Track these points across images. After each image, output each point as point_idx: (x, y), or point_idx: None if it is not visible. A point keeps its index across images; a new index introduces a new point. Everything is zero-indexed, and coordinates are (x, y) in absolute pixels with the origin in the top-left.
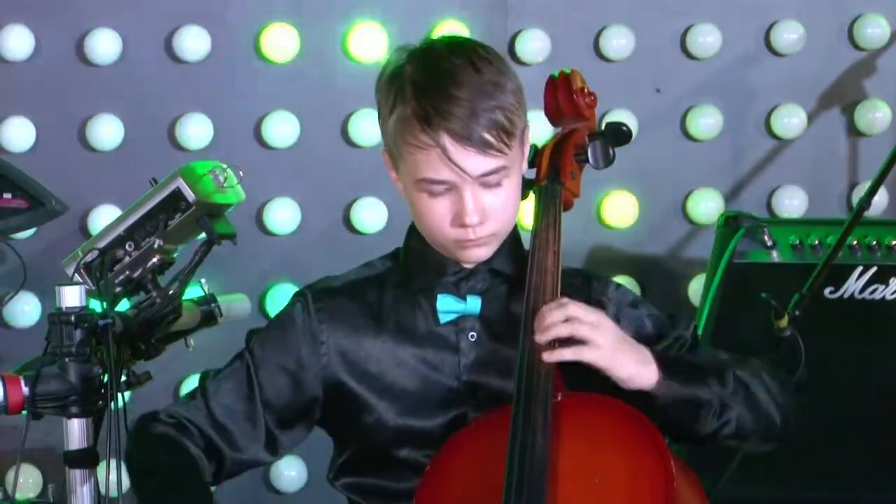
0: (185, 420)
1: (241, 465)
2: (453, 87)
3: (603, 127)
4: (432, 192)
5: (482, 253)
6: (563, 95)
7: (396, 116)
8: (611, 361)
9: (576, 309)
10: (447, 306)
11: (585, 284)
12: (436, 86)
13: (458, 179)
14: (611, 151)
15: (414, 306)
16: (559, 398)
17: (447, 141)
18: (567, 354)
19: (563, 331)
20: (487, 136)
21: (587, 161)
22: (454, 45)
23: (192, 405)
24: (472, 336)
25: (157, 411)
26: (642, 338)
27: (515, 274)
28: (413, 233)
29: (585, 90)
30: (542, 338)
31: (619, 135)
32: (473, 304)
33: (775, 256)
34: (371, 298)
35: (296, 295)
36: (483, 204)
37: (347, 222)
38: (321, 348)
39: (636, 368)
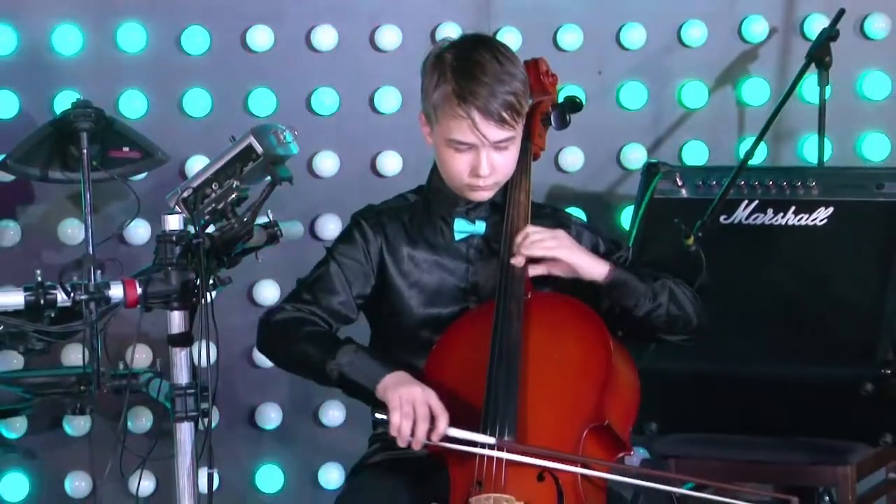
0: (300, 310)
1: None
2: (481, 73)
3: (562, 100)
4: (458, 149)
5: (486, 195)
6: (533, 76)
7: (440, 92)
8: (571, 256)
9: (536, 234)
10: (461, 227)
11: (554, 213)
12: (469, 72)
13: (479, 143)
14: (567, 118)
15: (435, 227)
16: (529, 296)
17: (476, 116)
18: (538, 251)
19: (534, 249)
20: (504, 115)
21: (550, 124)
22: (483, 42)
23: (302, 300)
24: (476, 249)
25: (275, 307)
26: (596, 254)
27: None
28: (433, 175)
29: (549, 72)
30: (517, 260)
31: (573, 106)
32: (480, 226)
33: (684, 193)
34: (405, 219)
35: (352, 218)
36: (493, 161)
37: (374, 169)
38: (374, 248)
39: (591, 261)
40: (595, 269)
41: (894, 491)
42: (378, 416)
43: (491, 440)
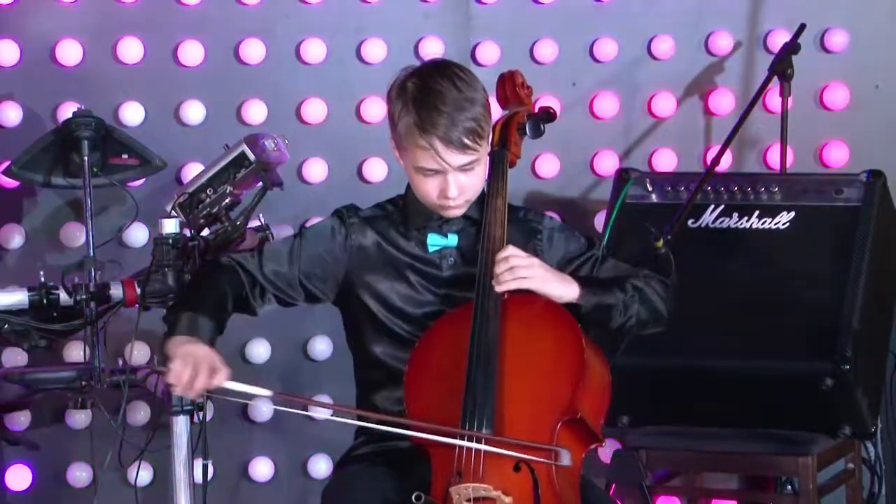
0: (238, 264)
1: (280, 301)
2: (441, 103)
3: (536, 110)
4: (426, 174)
5: (458, 212)
6: (509, 88)
7: (403, 123)
8: (544, 287)
9: (515, 259)
10: (434, 241)
11: (525, 217)
12: (429, 102)
13: (444, 170)
14: (542, 127)
15: (411, 239)
16: (506, 297)
17: (438, 145)
18: (513, 285)
19: (511, 282)
20: (466, 141)
21: (526, 134)
22: (441, 69)
23: (249, 256)
24: (450, 260)
25: (223, 254)
26: (569, 254)
27: (481, 218)
28: (409, 190)
29: (524, 84)
30: (499, 288)
31: (547, 116)
32: (452, 239)
33: (654, 198)
34: (382, 229)
35: (335, 212)
36: (461, 183)
37: (360, 175)
38: (348, 248)
39: (563, 288)
40: (566, 294)
41: (852, 480)
42: (158, 368)
43: (267, 392)
